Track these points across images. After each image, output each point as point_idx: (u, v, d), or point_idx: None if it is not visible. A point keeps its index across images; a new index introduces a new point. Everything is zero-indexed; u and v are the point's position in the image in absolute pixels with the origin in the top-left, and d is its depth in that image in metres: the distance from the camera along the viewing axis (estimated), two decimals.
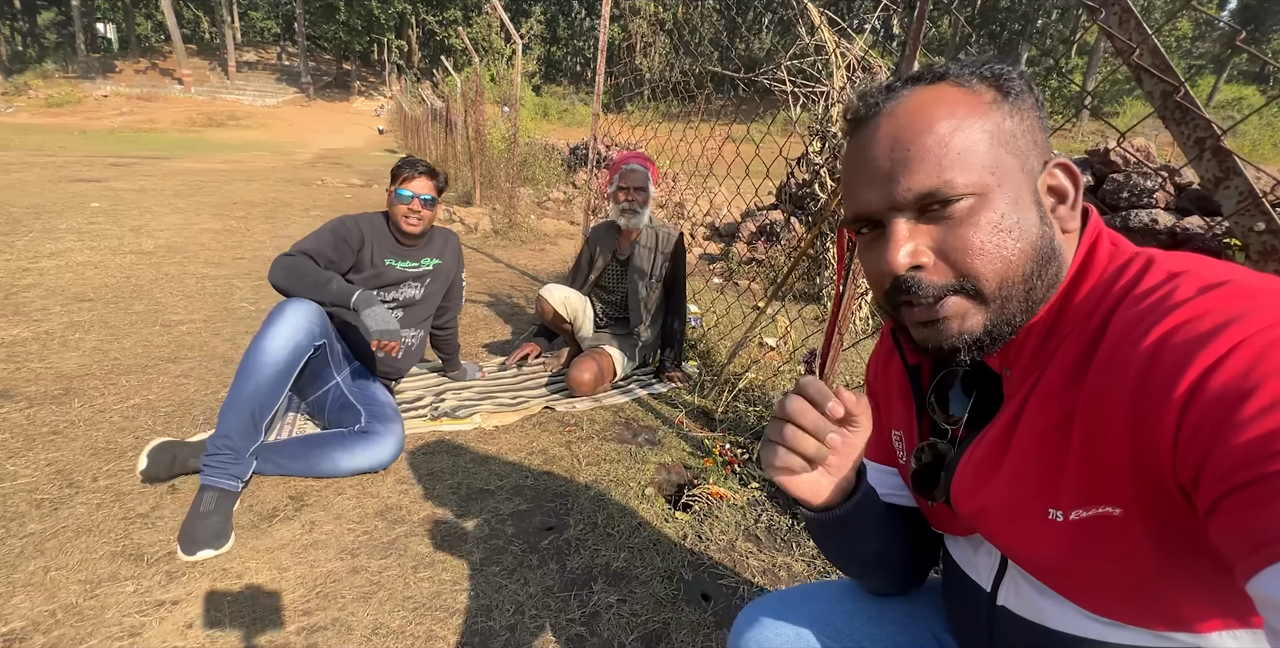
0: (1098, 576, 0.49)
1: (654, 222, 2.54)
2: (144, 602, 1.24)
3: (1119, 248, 0.51)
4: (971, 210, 0.48)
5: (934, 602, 0.79)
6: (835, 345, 1.82)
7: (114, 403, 2.08)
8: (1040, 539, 0.51)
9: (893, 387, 0.71)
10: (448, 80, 10.03)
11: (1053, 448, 0.49)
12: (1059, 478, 0.49)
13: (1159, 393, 0.40)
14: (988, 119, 0.49)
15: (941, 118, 0.49)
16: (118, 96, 30.24)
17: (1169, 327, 0.41)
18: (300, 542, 1.47)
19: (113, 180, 8.15)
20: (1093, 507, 0.46)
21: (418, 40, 42.59)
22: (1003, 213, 0.48)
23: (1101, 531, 0.46)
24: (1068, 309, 0.51)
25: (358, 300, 1.72)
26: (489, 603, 1.32)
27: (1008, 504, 0.53)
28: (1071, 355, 0.49)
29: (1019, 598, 0.58)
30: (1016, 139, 0.49)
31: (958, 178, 0.47)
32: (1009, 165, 0.49)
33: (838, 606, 0.79)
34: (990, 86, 0.50)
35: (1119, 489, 0.45)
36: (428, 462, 1.88)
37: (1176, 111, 1.05)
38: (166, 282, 3.63)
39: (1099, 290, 0.49)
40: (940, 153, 0.48)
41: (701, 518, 1.66)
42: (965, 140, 0.48)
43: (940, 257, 0.49)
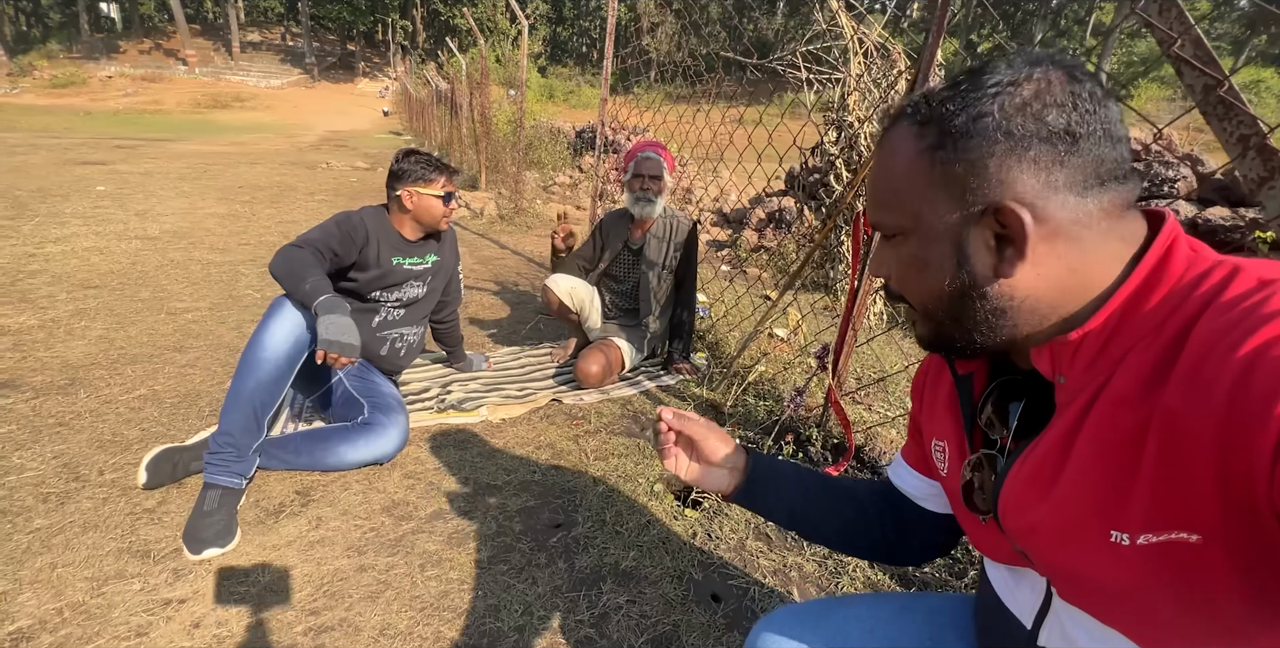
0: (1165, 609, 0.45)
1: (667, 210, 2.49)
2: (151, 600, 1.24)
3: (1199, 254, 0.48)
4: (900, 243, 0.55)
5: (955, 625, 0.76)
6: (849, 341, 1.78)
7: (120, 394, 2.07)
8: (1099, 564, 0.47)
9: (940, 397, 0.69)
10: (453, 61, 9.89)
11: (1119, 463, 0.45)
12: (1125, 497, 0.44)
13: (1255, 410, 0.36)
14: (914, 168, 0.51)
15: (885, 163, 0.55)
16: (122, 77, 30.08)
17: (1266, 338, 0.37)
18: (307, 539, 1.46)
19: (118, 163, 8.12)
20: (1165, 531, 0.42)
21: (422, 20, 42.01)
22: (914, 253, 0.54)
23: (1174, 558, 0.42)
24: (1134, 316, 0.47)
25: (320, 304, 1.53)
26: (497, 603, 1.30)
27: (1063, 523, 0.49)
28: (1143, 365, 0.45)
29: (1065, 641, 0.55)
30: (941, 186, 0.50)
31: (885, 218, 0.55)
32: (924, 212, 0.52)
33: (855, 624, 0.77)
34: (936, 127, 0.50)
35: (1198, 514, 0.41)
36: (435, 456, 1.87)
37: (1219, 107, 0.99)
38: (172, 268, 3.61)
39: (1174, 298, 0.45)
40: (878, 195, 0.56)
41: (711, 516, 1.64)
42: (891, 188, 0.54)
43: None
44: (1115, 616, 0.49)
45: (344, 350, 1.50)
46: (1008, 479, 0.55)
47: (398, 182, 1.90)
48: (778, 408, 2.20)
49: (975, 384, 0.64)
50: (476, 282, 3.89)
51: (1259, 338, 0.38)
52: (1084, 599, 0.51)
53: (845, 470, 1.80)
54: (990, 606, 0.66)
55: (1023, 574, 0.60)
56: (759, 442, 1.99)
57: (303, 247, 1.68)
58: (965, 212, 0.49)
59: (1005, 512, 0.55)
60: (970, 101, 0.48)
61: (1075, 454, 0.48)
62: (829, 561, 1.51)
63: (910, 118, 0.52)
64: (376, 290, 1.93)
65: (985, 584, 0.69)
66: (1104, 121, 0.47)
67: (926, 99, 0.51)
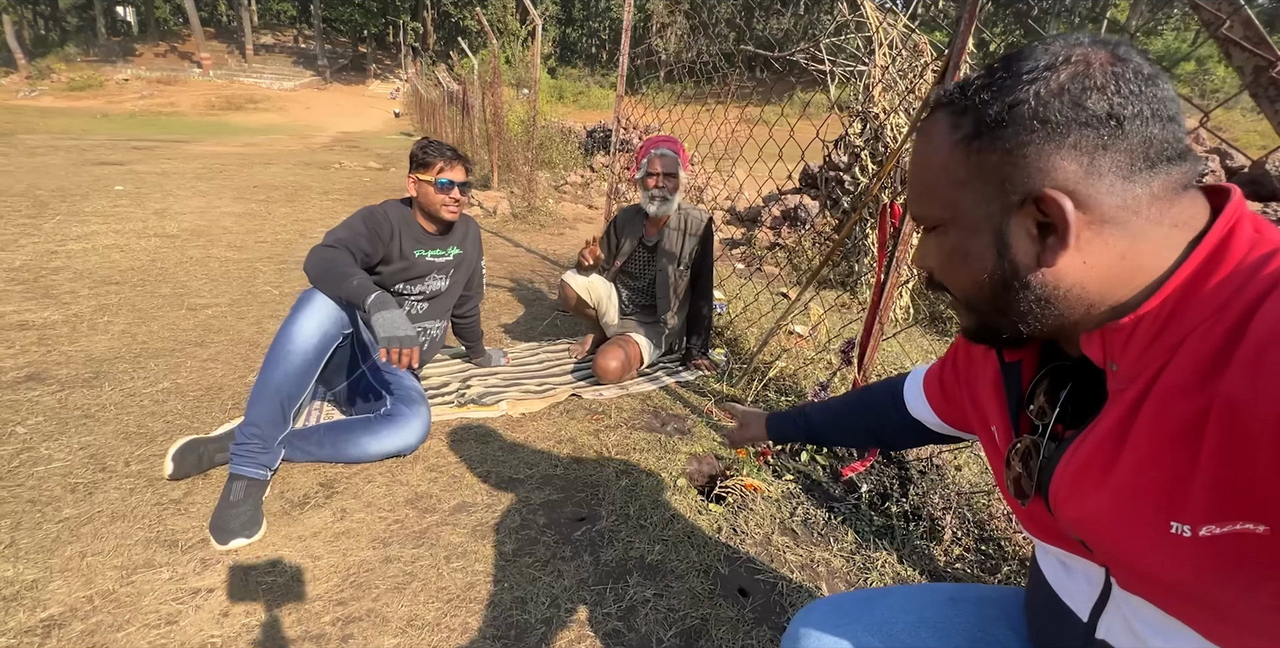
0: (1232, 602, 0.43)
1: (682, 206, 2.47)
2: (180, 589, 1.24)
3: (1264, 235, 0.45)
4: (939, 234, 0.55)
5: (1007, 617, 0.73)
6: (875, 335, 1.76)
7: (143, 387, 2.08)
8: (1161, 557, 0.45)
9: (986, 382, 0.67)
10: (464, 62, 9.93)
11: (1178, 453, 0.43)
12: (1185, 488, 0.43)
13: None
14: (953, 158, 0.51)
15: (922, 154, 0.54)
16: (138, 80, 30.47)
17: None
18: (332, 530, 1.46)
19: (135, 164, 8.21)
20: (1229, 522, 0.41)
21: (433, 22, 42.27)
22: (954, 245, 0.53)
23: (1240, 549, 0.41)
24: (1191, 300, 0.45)
25: (373, 302, 1.54)
26: (523, 595, 1.29)
27: (1121, 514, 0.48)
28: (1203, 351, 0.43)
29: (1127, 634, 0.53)
30: (979, 177, 0.50)
31: (924, 211, 0.55)
32: (963, 203, 0.51)
33: (901, 615, 0.75)
34: (972, 117, 0.49)
35: (1265, 504, 0.39)
36: (456, 449, 1.86)
37: (1271, 89, 0.97)
38: (191, 265, 3.64)
39: (1235, 280, 0.43)
40: (916, 187, 0.56)
41: (735, 511, 1.63)
42: (930, 179, 0.53)
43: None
44: (1180, 606, 0.47)
45: (404, 343, 1.51)
46: (1059, 468, 0.53)
47: (409, 170, 1.91)
48: (800, 403, 2.18)
49: (1024, 371, 0.62)
50: (492, 279, 3.89)
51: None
52: (1147, 590, 0.49)
53: (872, 466, 1.78)
54: (1042, 597, 0.64)
55: (1076, 563, 0.59)
56: None
57: (335, 246, 1.68)
58: (1005, 201, 0.48)
59: (1058, 501, 0.54)
60: (1005, 89, 0.47)
61: (1130, 443, 0.47)
62: (856, 556, 1.49)
63: (947, 108, 0.51)
64: (400, 283, 1.93)
65: (1036, 575, 0.66)
66: (1151, 101, 0.44)
67: (962, 88, 0.50)
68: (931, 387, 0.84)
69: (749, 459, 1.85)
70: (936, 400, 0.83)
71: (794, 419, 1.04)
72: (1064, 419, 0.57)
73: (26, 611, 1.15)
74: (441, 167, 1.89)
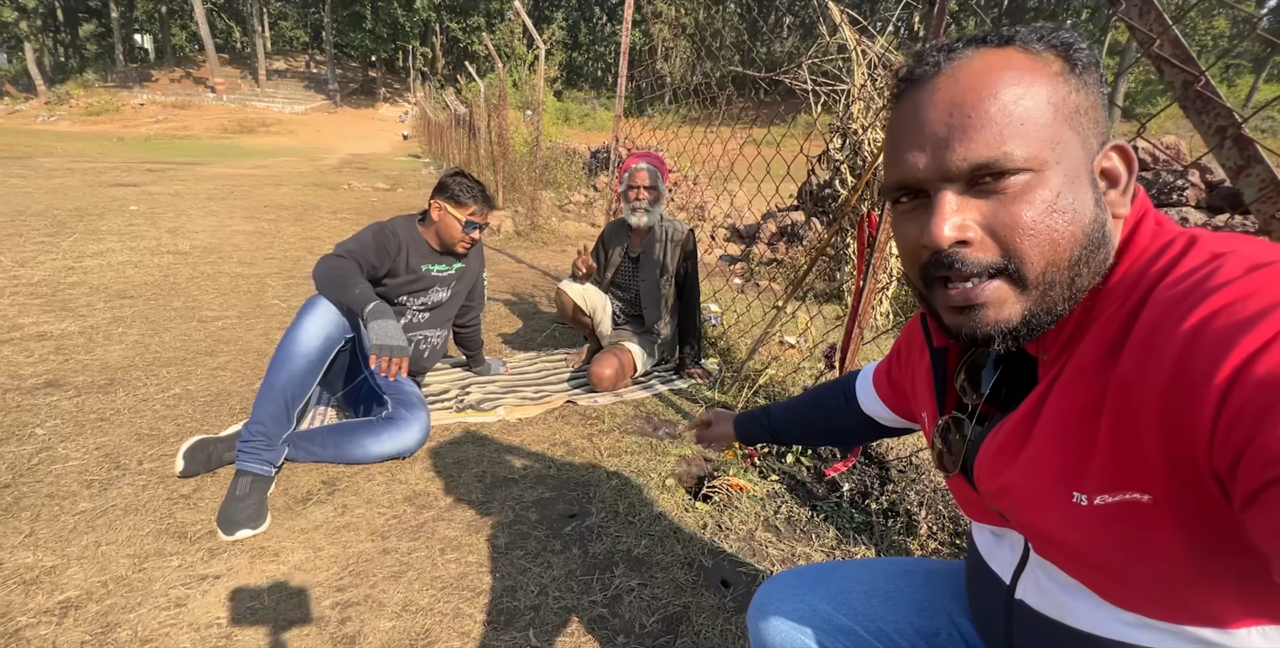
0: (1124, 565, 0.47)
1: (664, 217, 2.56)
2: (188, 576, 1.30)
3: (1163, 228, 0.49)
4: (1027, 186, 0.45)
5: (952, 587, 0.78)
6: (855, 340, 1.83)
7: (156, 392, 2.17)
8: (1064, 523, 0.49)
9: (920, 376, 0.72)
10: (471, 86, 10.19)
11: (1080, 430, 0.47)
12: (1086, 461, 0.47)
13: (1199, 377, 0.37)
14: (1054, 90, 0.46)
15: (1008, 84, 0.45)
16: (154, 104, 31.22)
17: (1211, 308, 0.39)
18: (333, 524, 1.52)
19: (149, 185, 8.43)
20: (1119, 492, 0.44)
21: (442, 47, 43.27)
22: (1058, 192, 0.45)
23: (1128, 517, 0.44)
24: (1104, 290, 0.49)
25: (371, 310, 1.62)
26: (514, 584, 1.35)
27: (1031, 486, 0.52)
28: (1104, 336, 0.46)
29: (1039, 593, 0.57)
30: (1080, 114, 0.46)
31: (1017, 150, 0.45)
32: (1070, 141, 0.46)
33: (855, 584, 0.79)
34: (1058, 56, 0.47)
35: (1148, 475, 0.43)
36: (454, 451, 1.93)
37: (1197, 101, 1.05)
38: (202, 280, 3.76)
39: (1137, 270, 0.47)
40: (1003, 121, 0.45)
41: (721, 508, 1.68)
42: (1029, 110, 0.45)
43: (988, 233, 0.47)
44: (1080, 570, 0.52)
45: (395, 353, 1.58)
46: (983, 445, 0.57)
47: (437, 193, 2.00)
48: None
49: (950, 356, 0.66)
50: (494, 293, 3.99)
51: (1204, 310, 0.39)
52: (1054, 555, 0.54)
53: (853, 467, 1.83)
54: (974, 565, 0.69)
55: (1003, 535, 0.64)
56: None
57: (344, 256, 1.78)
58: (1091, 145, 0.47)
59: (980, 475, 0.58)
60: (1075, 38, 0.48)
61: (1041, 421, 0.51)
62: (837, 551, 1.55)
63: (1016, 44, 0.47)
64: (404, 295, 2.02)
65: (971, 547, 0.72)
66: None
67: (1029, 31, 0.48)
68: (880, 382, 0.88)
69: (736, 460, 1.91)
70: (886, 394, 0.87)
71: (758, 418, 1.07)
72: (996, 402, 0.62)
73: (45, 593, 1.22)
74: (475, 211, 1.99)
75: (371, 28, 37.03)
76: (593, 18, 46.54)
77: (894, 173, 0.52)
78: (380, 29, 37.30)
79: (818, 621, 0.77)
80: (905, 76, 0.52)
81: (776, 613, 0.80)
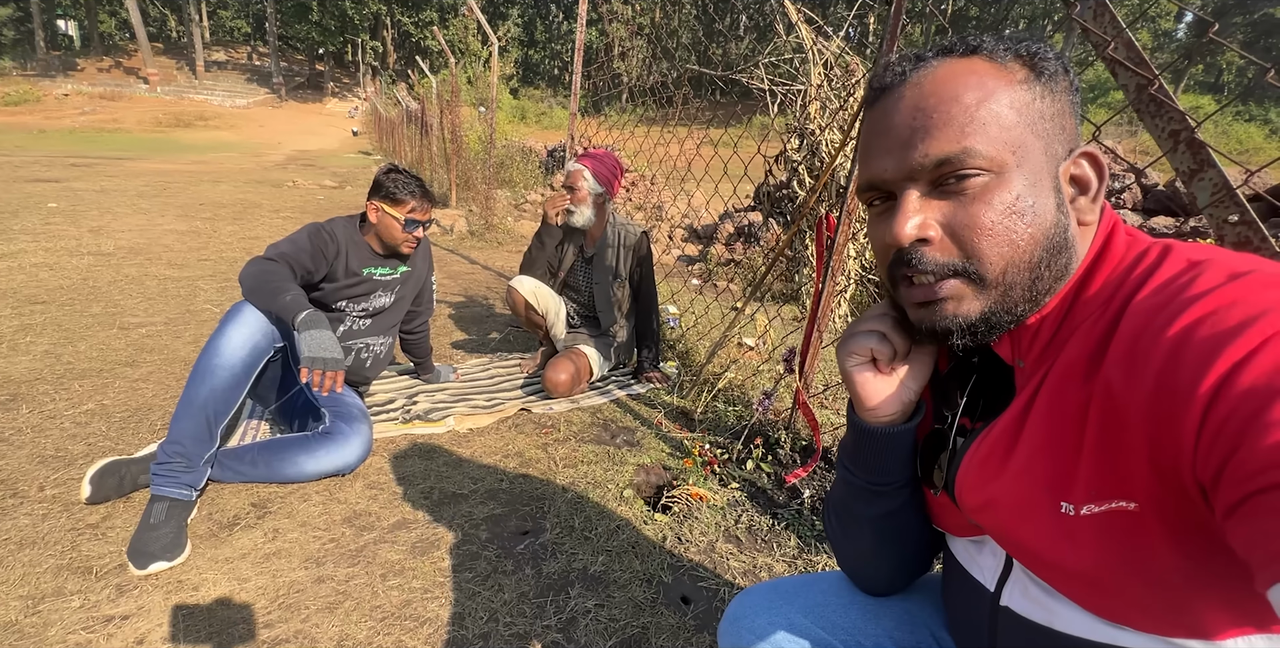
0: (1109, 576, 0.46)
1: (617, 220, 2.49)
2: (91, 617, 1.17)
3: (1135, 238, 0.50)
4: (987, 188, 0.47)
5: (932, 599, 0.77)
6: (814, 343, 1.81)
7: (65, 409, 1.98)
8: (1050, 535, 0.48)
9: None
10: (423, 82, 9.91)
11: (1065, 439, 0.47)
12: (1071, 470, 0.46)
13: (1183, 387, 0.38)
14: (1016, 95, 0.47)
15: (970, 88, 0.47)
16: (79, 95, 29.38)
17: (1194, 317, 0.39)
18: (262, 551, 1.40)
19: (72, 181, 7.88)
20: (1106, 501, 0.44)
21: (393, 42, 42.15)
22: (1018, 194, 0.47)
23: (1115, 526, 0.44)
24: (1081, 300, 0.49)
25: (302, 320, 1.48)
26: (461, 611, 1.27)
27: (1017, 498, 0.51)
28: (1085, 345, 0.47)
29: (1025, 599, 0.56)
30: (1043, 120, 0.48)
31: (978, 147, 0.46)
32: (1032, 145, 0.47)
33: (834, 598, 0.77)
34: (1023, 64, 0.48)
35: (1134, 483, 0.42)
36: (399, 466, 1.82)
37: (1151, 104, 1.05)
38: (126, 283, 3.50)
39: (1114, 280, 0.47)
40: (964, 120, 0.46)
41: (681, 520, 1.63)
42: (990, 112, 0.47)
43: (948, 233, 0.48)
44: (1063, 582, 0.50)
45: (328, 366, 1.45)
46: (965, 458, 0.56)
47: (372, 193, 1.88)
48: (747, 413, 2.21)
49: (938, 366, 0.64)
50: (446, 295, 3.85)
51: (1186, 319, 0.39)
52: (1038, 569, 0.52)
53: (814, 471, 1.81)
54: (954, 577, 0.67)
55: (983, 542, 0.62)
56: (729, 446, 1.99)
57: (275, 259, 1.64)
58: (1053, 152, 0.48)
59: (962, 490, 0.57)
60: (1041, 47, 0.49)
61: (1027, 431, 0.50)
62: (799, 560, 1.51)
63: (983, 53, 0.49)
64: (343, 300, 1.89)
65: (948, 557, 0.69)
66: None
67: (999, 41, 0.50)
68: None
69: (695, 468, 1.86)
70: None
71: None
72: (973, 413, 0.60)
73: None
74: (413, 207, 1.87)
75: (318, 19, 35.65)
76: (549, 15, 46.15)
77: (864, 175, 0.53)
78: (328, 21, 35.96)
79: (795, 634, 0.73)
80: (875, 85, 0.53)
81: (751, 628, 0.76)
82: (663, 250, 5.73)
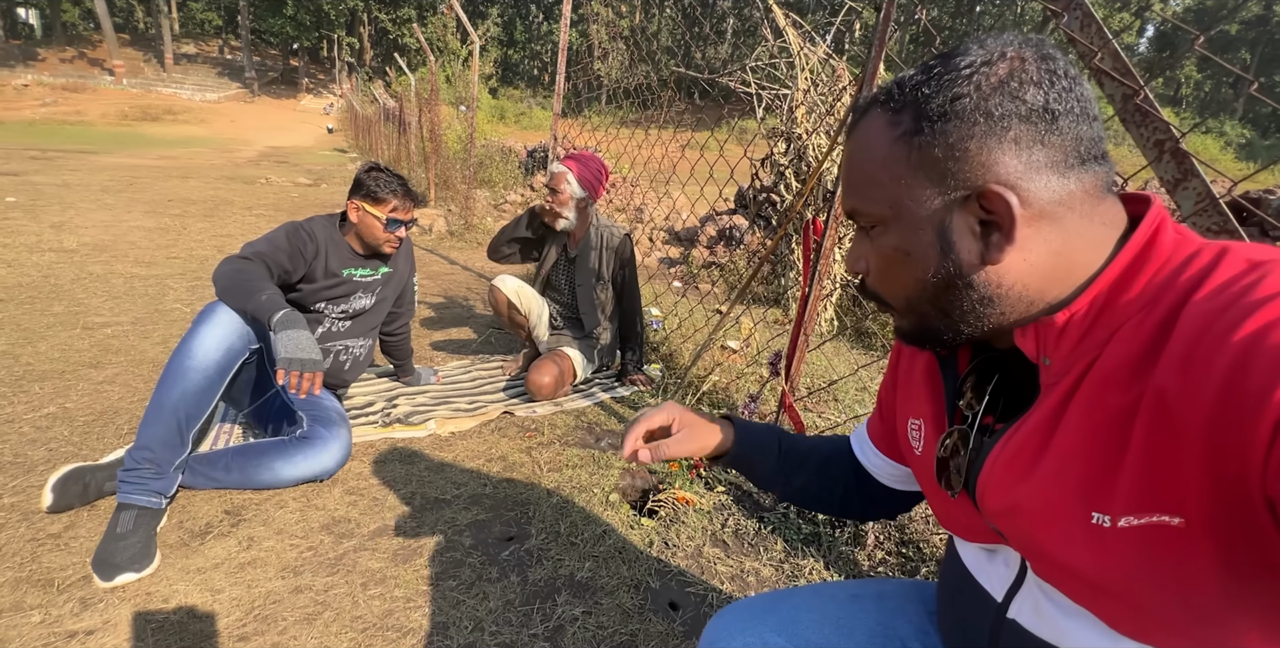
0: (1143, 593, 0.44)
1: (600, 222, 2.47)
2: (53, 633, 1.11)
3: (1186, 238, 0.47)
4: (878, 234, 0.54)
5: (905, 609, 0.76)
6: (800, 347, 1.81)
7: (25, 412, 1.89)
8: (1079, 546, 0.46)
9: (917, 375, 0.68)
10: (401, 80, 9.78)
11: (1106, 444, 0.44)
12: (1110, 479, 0.44)
13: (1255, 395, 0.35)
14: (891, 155, 0.50)
15: (860, 151, 0.53)
16: (40, 86, 28.40)
17: (1264, 320, 0.36)
18: (237, 560, 1.35)
19: (32, 174, 7.61)
20: (1147, 514, 0.41)
21: (370, 38, 41.56)
22: (895, 244, 0.52)
23: (1155, 542, 0.42)
24: (1120, 297, 0.46)
25: (279, 320, 1.44)
26: (445, 620, 1.23)
27: (1044, 504, 0.48)
28: (1132, 347, 0.44)
29: (1034, 615, 0.54)
30: (922, 171, 0.49)
31: (861, 207, 0.54)
32: (903, 200, 0.50)
33: (806, 613, 0.76)
34: (911, 112, 0.49)
35: (1184, 497, 0.40)
36: (379, 471, 1.77)
37: (1137, 114, 1.07)
38: (90, 281, 3.37)
39: (1160, 281, 0.45)
40: (855, 183, 0.54)
41: (668, 524, 1.62)
42: (868, 176, 0.52)
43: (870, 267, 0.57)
44: (1087, 596, 0.48)
45: (306, 367, 1.41)
46: (989, 459, 0.54)
47: (353, 192, 1.83)
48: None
49: (959, 363, 0.63)
50: (425, 296, 3.79)
51: (1255, 322, 0.37)
52: (1059, 579, 0.50)
53: None
54: (958, 580, 0.65)
55: (996, 550, 0.60)
56: None
57: (251, 258, 1.59)
58: (947, 197, 0.48)
59: (984, 492, 0.54)
60: (945, 83, 0.47)
61: (1060, 435, 0.48)
62: (785, 564, 1.51)
63: (884, 105, 0.51)
64: (322, 301, 1.84)
65: (953, 561, 0.68)
66: (1080, 99, 0.46)
67: (899, 85, 0.50)
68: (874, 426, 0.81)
69: (681, 472, 1.85)
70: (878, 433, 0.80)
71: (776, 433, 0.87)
72: (994, 412, 0.58)
73: None
74: (395, 206, 1.82)
75: (293, 14, 34.95)
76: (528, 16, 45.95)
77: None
78: (303, 16, 35.29)
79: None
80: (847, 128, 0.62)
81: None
82: (644, 253, 5.72)
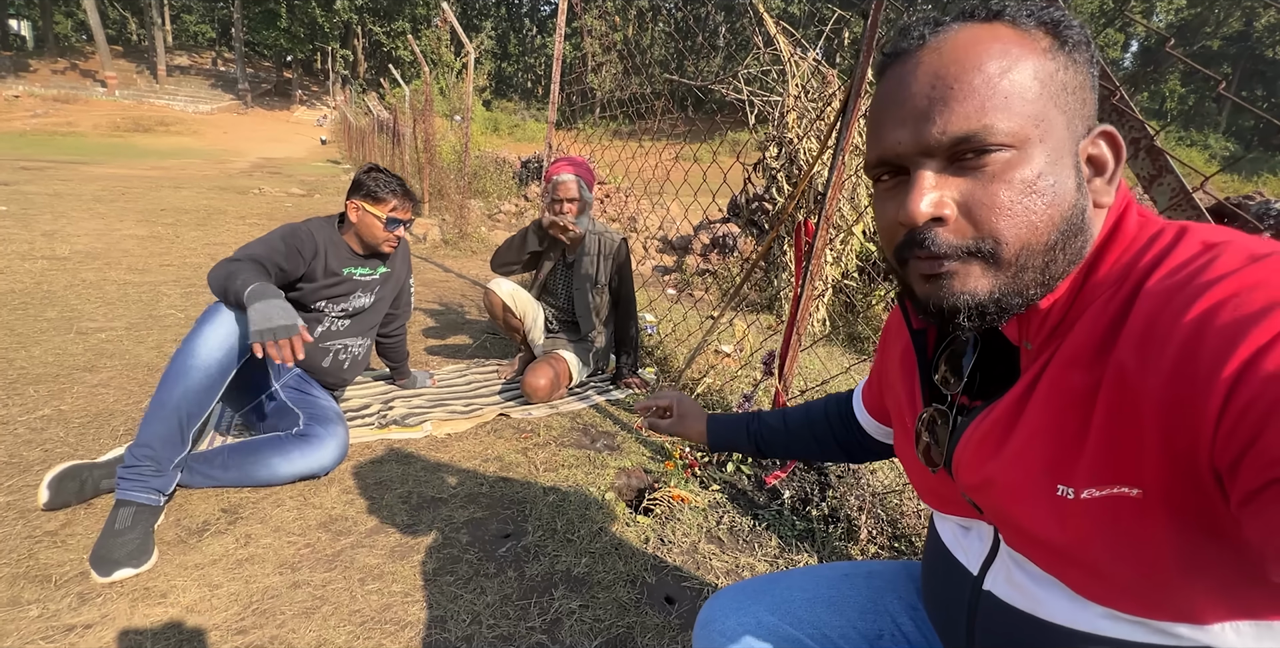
0: (1104, 561, 0.46)
1: (596, 226, 2.50)
2: (50, 627, 1.11)
3: (1148, 219, 0.49)
4: (1008, 165, 0.44)
5: (894, 586, 0.78)
6: (793, 346, 1.84)
7: (19, 414, 1.89)
8: (1046, 517, 0.48)
9: (896, 353, 0.70)
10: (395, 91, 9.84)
11: (1070, 421, 0.46)
12: (1074, 453, 0.45)
13: (1204, 372, 0.36)
14: (1040, 65, 0.44)
15: (994, 56, 0.44)
16: (31, 97, 28.35)
17: (1214, 300, 0.38)
18: (234, 557, 1.35)
19: (23, 184, 7.58)
20: (1108, 486, 0.43)
21: (364, 50, 41.78)
22: (1039, 172, 0.44)
23: (1115, 512, 0.43)
24: (1091, 281, 0.47)
25: (250, 294, 1.38)
26: (443, 614, 1.24)
27: (1015, 478, 0.50)
28: (1096, 326, 0.45)
29: (1008, 585, 0.56)
30: (1066, 93, 0.45)
31: (1000, 123, 0.43)
32: (1055, 120, 0.44)
33: (798, 593, 0.78)
34: (1047, 32, 0.45)
35: (1141, 469, 0.41)
36: (375, 471, 1.78)
37: (1113, 113, 1.11)
38: (83, 288, 3.37)
39: (1126, 262, 0.46)
40: (986, 93, 0.43)
41: (663, 522, 1.63)
42: (1015, 84, 0.43)
43: (964, 213, 0.46)
44: (1055, 564, 0.50)
45: (278, 334, 1.34)
46: (964, 436, 0.55)
47: (352, 192, 1.86)
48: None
49: (929, 340, 0.64)
50: (421, 302, 3.80)
51: (1206, 301, 0.38)
52: (1029, 549, 0.52)
53: (793, 472, 1.83)
54: (937, 557, 0.68)
55: (971, 525, 0.62)
56: (705, 451, 1.99)
57: (243, 260, 1.60)
58: (1074, 129, 0.45)
59: (960, 467, 0.56)
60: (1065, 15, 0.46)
61: (1029, 412, 0.49)
62: (780, 559, 1.52)
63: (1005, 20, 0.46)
64: (323, 300, 1.86)
65: (933, 539, 0.70)
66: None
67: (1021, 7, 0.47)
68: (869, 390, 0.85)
69: (676, 471, 1.87)
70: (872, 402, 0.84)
71: (742, 425, 0.98)
72: (971, 391, 0.60)
73: None
74: (395, 206, 1.85)
75: (287, 27, 35.11)
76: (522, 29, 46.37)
77: (875, 149, 0.50)
78: (297, 28, 35.44)
79: (763, 633, 0.75)
80: (889, 51, 0.50)
81: (722, 630, 0.77)
82: (638, 261, 5.77)
